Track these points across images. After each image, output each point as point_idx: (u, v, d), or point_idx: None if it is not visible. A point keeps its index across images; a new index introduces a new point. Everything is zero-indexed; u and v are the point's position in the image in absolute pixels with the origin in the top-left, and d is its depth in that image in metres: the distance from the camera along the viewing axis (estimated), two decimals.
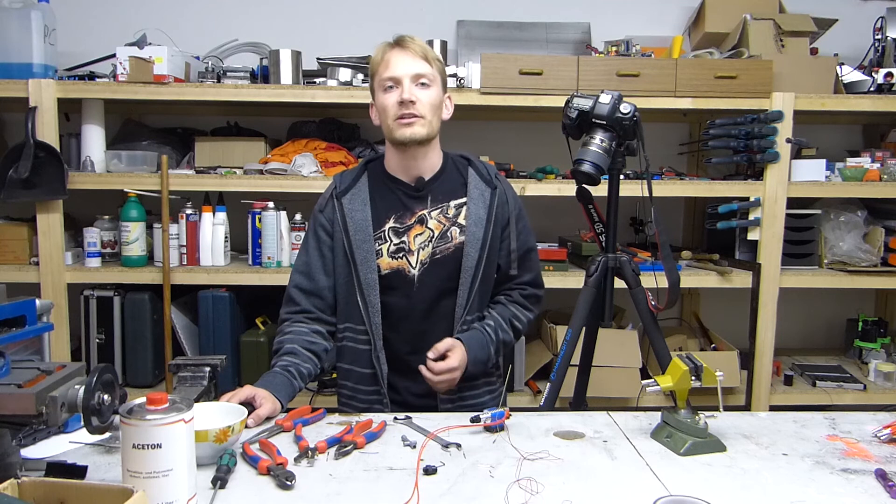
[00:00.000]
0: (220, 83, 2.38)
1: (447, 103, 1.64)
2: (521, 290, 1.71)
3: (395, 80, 1.54)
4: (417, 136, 1.54)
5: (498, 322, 1.65)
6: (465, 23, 2.79)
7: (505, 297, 1.71)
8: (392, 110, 1.54)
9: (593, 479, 1.12)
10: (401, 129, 1.54)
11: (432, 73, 1.56)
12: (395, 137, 1.55)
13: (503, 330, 1.65)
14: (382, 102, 1.56)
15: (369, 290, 1.57)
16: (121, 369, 2.39)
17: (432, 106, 1.56)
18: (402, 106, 1.52)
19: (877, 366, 2.62)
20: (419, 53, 1.55)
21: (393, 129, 1.55)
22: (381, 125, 1.59)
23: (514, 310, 1.70)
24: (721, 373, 1.26)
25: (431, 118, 1.56)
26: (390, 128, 1.55)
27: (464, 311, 1.60)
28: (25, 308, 1.12)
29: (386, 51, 1.56)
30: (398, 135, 1.54)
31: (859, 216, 2.58)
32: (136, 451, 0.92)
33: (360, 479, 1.10)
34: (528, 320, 1.72)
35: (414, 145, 1.56)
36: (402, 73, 1.53)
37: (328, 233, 1.62)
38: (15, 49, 2.28)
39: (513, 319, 1.68)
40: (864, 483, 1.12)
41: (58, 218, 2.29)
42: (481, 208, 1.61)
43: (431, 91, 1.56)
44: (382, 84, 1.56)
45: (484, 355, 1.60)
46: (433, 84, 1.56)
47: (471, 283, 1.59)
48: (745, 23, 2.56)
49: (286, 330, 1.60)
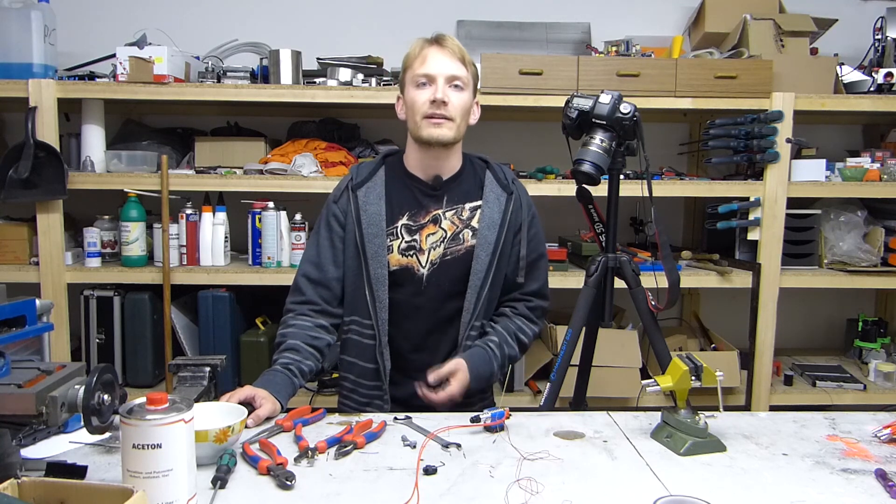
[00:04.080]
0: (220, 83, 2.38)
1: (475, 109, 1.63)
2: (527, 302, 1.70)
3: (429, 77, 1.52)
4: (444, 138, 1.53)
5: (503, 337, 1.62)
6: (465, 23, 2.79)
7: (510, 310, 1.69)
8: (422, 108, 1.52)
9: (593, 479, 1.12)
10: (428, 129, 1.52)
11: (466, 77, 1.55)
12: (420, 135, 1.54)
13: (508, 345, 1.63)
14: (413, 98, 1.54)
15: (378, 285, 1.56)
16: (121, 369, 2.39)
17: (463, 110, 1.55)
18: (433, 105, 1.51)
19: (877, 366, 2.62)
20: (457, 55, 1.54)
21: (420, 127, 1.53)
22: (408, 120, 1.58)
23: (519, 323, 1.68)
24: (721, 373, 1.26)
25: (460, 122, 1.55)
26: (418, 125, 1.54)
27: (471, 315, 1.59)
28: (25, 308, 1.12)
29: (424, 46, 1.54)
30: (425, 134, 1.53)
31: (859, 216, 2.58)
32: (136, 451, 0.92)
33: (360, 479, 1.10)
34: (533, 334, 1.70)
35: (438, 146, 1.55)
36: (438, 71, 1.51)
37: (341, 224, 1.61)
38: (15, 49, 2.28)
39: (518, 333, 1.66)
40: (864, 483, 1.12)
41: (58, 218, 2.29)
42: (496, 212, 1.60)
43: (464, 95, 1.55)
44: (416, 79, 1.54)
45: (487, 372, 1.57)
46: (466, 88, 1.55)
47: (480, 287, 1.58)
48: (745, 23, 2.55)
49: (290, 322, 1.59)
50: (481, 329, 1.64)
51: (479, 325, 1.62)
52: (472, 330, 1.60)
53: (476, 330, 1.61)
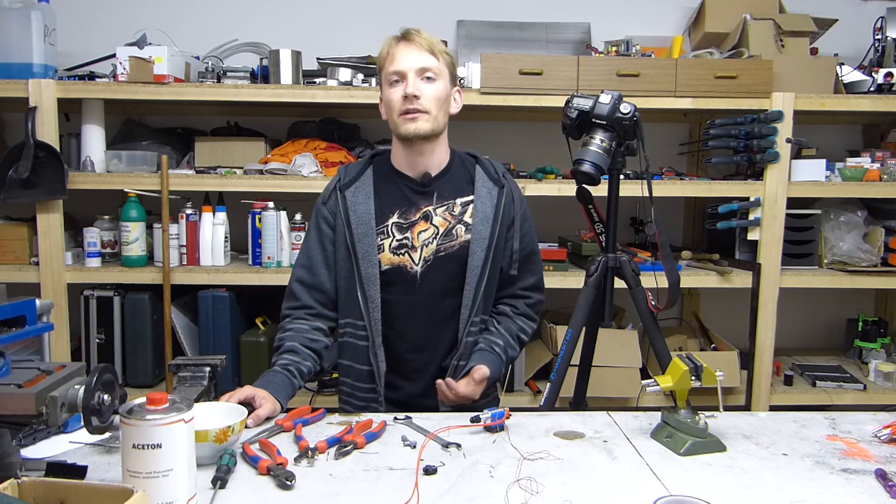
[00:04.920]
0: (220, 83, 2.38)
1: (456, 97, 1.62)
2: (527, 300, 1.71)
3: (399, 74, 1.52)
4: (421, 131, 1.53)
5: (507, 341, 1.64)
6: (465, 23, 2.79)
7: (511, 309, 1.70)
8: (397, 105, 1.53)
9: (593, 479, 1.12)
10: (405, 125, 1.52)
11: (438, 67, 1.54)
12: (399, 132, 1.55)
13: (511, 347, 1.65)
14: (388, 97, 1.55)
15: (370, 285, 1.56)
16: (121, 369, 2.39)
17: (437, 100, 1.54)
18: (406, 101, 1.51)
19: (877, 366, 2.62)
20: (425, 46, 1.53)
21: (398, 125, 1.54)
22: (389, 120, 1.58)
23: (520, 323, 1.69)
24: (721, 373, 1.26)
25: (437, 113, 1.54)
26: (395, 123, 1.54)
27: (470, 312, 1.58)
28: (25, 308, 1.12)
29: (392, 45, 1.55)
30: (402, 130, 1.53)
31: (859, 216, 2.58)
32: (136, 451, 0.92)
33: (360, 479, 1.10)
34: (532, 332, 1.72)
35: (419, 140, 1.55)
36: (407, 66, 1.52)
37: (330, 225, 1.61)
38: (15, 49, 2.28)
39: (520, 334, 1.68)
40: (864, 483, 1.12)
41: (58, 218, 2.29)
42: (489, 207, 1.60)
43: (437, 85, 1.54)
44: (388, 78, 1.55)
45: (497, 375, 1.60)
46: (439, 77, 1.54)
47: (477, 282, 1.58)
48: (745, 23, 2.56)
49: (287, 327, 1.59)
50: (481, 325, 1.64)
51: (478, 320, 1.61)
52: (472, 326, 1.60)
53: (476, 325, 1.61)
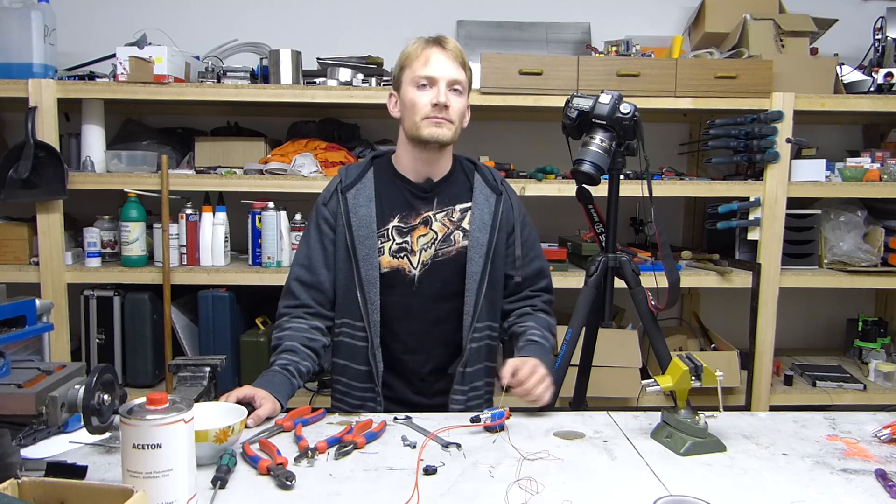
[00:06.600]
0: (220, 83, 2.38)
1: (466, 112, 1.63)
2: (541, 297, 1.71)
3: (430, 79, 1.52)
4: (443, 138, 1.53)
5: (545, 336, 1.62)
6: (465, 23, 2.79)
7: (530, 307, 1.69)
8: (423, 109, 1.52)
9: (593, 479, 1.12)
10: (430, 128, 1.51)
11: (465, 82, 1.56)
12: (421, 135, 1.53)
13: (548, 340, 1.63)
14: (412, 98, 1.53)
15: (370, 287, 1.56)
16: (121, 369, 2.39)
17: (460, 114, 1.56)
18: (435, 108, 1.51)
19: (877, 366, 2.62)
20: (458, 59, 1.54)
21: (420, 126, 1.52)
22: (404, 119, 1.57)
23: (548, 319, 1.69)
24: (721, 373, 1.26)
25: (458, 125, 1.56)
26: (417, 125, 1.53)
27: (472, 318, 1.58)
28: (25, 308, 1.12)
29: (424, 47, 1.54)
30: (426, 133, 1.52)
31: (859, 216, 2.58)
32: (136, 451, 0.92)
33: (360, 479, 1.10)
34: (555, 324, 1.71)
35: (435, 147, 1.54)
36: (441, 74, 1.51)
37: (331, 226, 1.61)
38: (15, 49, 2.28)
39: (550, 327, 1.67)
40: (864, 483, 1.12)
41: (58, 218, 2.29)
42: (486, 214, 1.60)
43: (462, 99, 1.56)
44: (416, 80, 1.53)
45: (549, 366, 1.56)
46: (464, 93, 1.56)
47: (477, 288, 1.58)
48: (745, 23, 2.56)
49: (285, 325, 1.59)
50: (487, 331, 1.63)
51: (482, 326, 1.61)
52: (476, 332, 1.60)
53: (480, 332, 1.61)
